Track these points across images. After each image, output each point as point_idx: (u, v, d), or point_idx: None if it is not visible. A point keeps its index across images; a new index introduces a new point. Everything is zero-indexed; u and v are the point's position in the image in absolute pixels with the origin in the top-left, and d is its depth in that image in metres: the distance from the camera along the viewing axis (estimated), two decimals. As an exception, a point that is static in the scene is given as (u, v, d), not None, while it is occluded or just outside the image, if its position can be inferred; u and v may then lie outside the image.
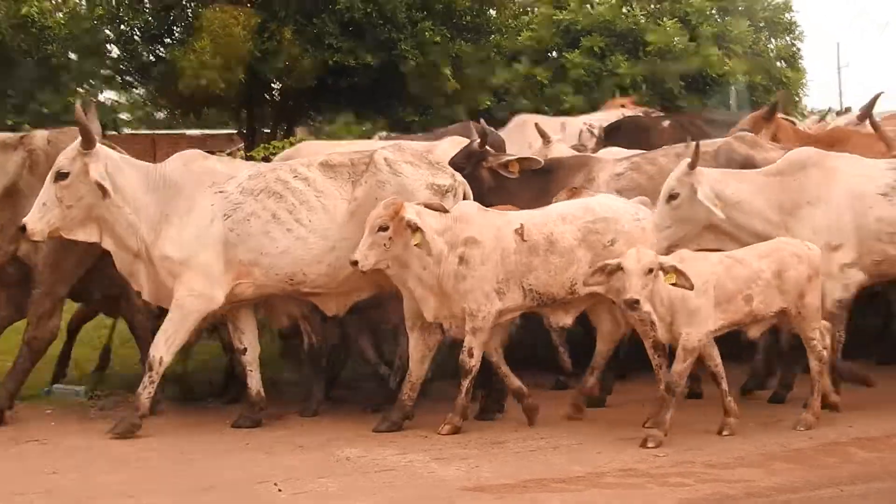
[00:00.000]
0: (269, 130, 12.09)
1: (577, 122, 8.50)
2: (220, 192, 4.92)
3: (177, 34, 11.38)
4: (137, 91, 13.04)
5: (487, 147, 5.80)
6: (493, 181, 5.79)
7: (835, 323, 4.99)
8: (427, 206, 4.71)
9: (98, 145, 4.75)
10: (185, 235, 4.83)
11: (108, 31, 11.69)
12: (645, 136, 7.26)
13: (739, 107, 13.14)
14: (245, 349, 5.09)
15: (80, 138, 4.69)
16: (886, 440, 4.73)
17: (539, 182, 5.81)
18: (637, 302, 4.26)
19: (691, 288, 4.31)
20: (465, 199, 5.01)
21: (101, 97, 13.09)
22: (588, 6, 15.22)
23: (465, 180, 5.19)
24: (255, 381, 5.06)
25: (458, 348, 4.84)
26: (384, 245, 4.53)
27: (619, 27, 14.51)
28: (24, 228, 4.64)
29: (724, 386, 4.76)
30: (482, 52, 12.30)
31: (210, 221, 4.84)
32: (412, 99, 11.74)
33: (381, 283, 4.92)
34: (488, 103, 12.80)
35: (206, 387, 5.96)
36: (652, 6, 15.01)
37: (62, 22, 11.47)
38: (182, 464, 4.42)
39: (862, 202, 4.99)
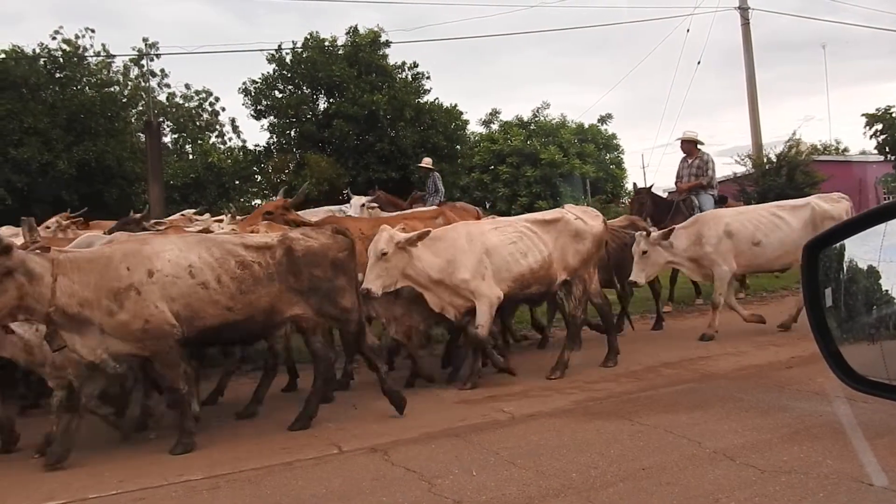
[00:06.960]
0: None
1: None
2: None
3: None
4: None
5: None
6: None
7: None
8: None
9: None
10: None
11: (254, 168, 18.67)
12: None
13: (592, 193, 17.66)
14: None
15: None
16: (680, 363, 5.74)
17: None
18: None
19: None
20: None
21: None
22: (508, 140, 20.15)
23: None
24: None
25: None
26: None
27: (525, 151, 19.63)
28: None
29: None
30: (454, 167, 16.91)
31: None
32: (416, 194, 15.17)
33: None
34: (458, 195, 16.21)
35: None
36: (542, 139, 20.03)
37: (231, 164, 18.52)
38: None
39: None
